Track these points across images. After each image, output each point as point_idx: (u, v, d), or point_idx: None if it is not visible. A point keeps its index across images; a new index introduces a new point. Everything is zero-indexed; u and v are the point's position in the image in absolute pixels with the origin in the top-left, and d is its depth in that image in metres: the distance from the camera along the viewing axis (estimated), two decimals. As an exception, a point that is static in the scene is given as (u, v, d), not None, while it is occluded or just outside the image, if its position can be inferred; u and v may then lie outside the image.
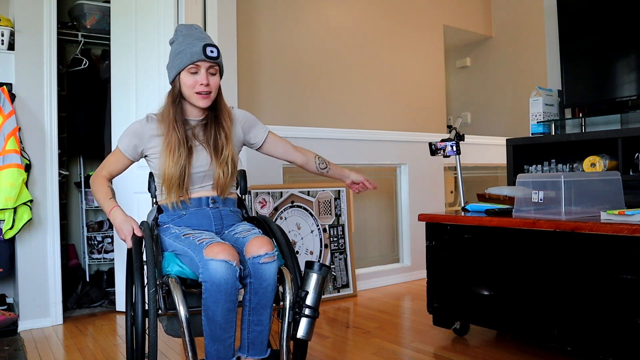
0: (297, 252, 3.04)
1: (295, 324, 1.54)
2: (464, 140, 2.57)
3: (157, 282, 1.47)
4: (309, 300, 1.55)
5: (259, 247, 1.50)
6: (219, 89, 1.71)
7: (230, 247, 1.48)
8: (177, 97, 1.67)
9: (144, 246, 1.61)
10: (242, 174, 1.88)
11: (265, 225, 1.77)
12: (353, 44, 4.03)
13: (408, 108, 4.33)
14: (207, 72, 1.63)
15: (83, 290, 3.10)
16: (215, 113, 1.71)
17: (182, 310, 1.41)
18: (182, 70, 1.63)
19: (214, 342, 1.46)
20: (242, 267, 1.49)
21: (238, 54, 3.24)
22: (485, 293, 2.06)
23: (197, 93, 1.63)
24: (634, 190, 2.27)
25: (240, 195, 1.87)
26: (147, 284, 1.46)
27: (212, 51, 1.62)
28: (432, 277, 2.32)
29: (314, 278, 1.56)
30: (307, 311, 1.54)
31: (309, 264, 1.58)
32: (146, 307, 1.45)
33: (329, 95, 3.89)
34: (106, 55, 3.45)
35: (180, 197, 1.66)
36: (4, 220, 2.48)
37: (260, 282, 1.49)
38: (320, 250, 3.12)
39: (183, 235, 1.60)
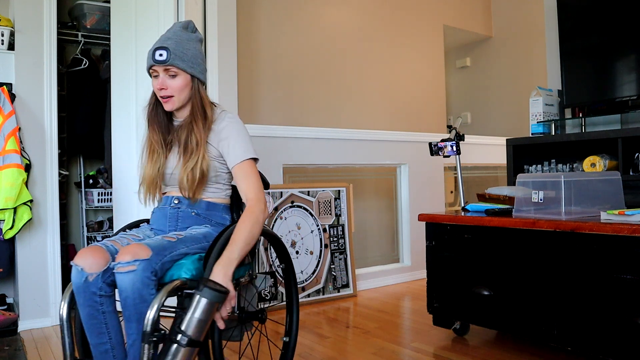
0: (297, 252, 3.04)
1: (155, 348, 1.30)
2: (464, 140, 2.57)
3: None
4: (183, 324, 1.31)
5: (122, 253, 1.36)
6: (195, 93, 1.63)
7: (100, 252, 1.41)
8: (154, 99, 1.66)
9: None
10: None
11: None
12: (353, 44, 4.03)
13: (408, 108, 4.33)
14: (165, 75, 1.58)
15: (83, 290, 3.10)
16: (192, 117, 1.63)
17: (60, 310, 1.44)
18: (150, 75, 1.64)
19: (91, 346, 1.43)
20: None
21: (238, 54, 3.24)
22: (485, 293, 2.06)
23: (161, 97, 1.61)
24: (634, 190, 2.27)
25: (234, 199, 1.74)
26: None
27: (160, 54, 1.55)
28: (432, 277, 2.32)
29: (194, 299, 1.32)
30: (178, 336, 1.29)
31: (200, 284, 1.34)
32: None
33: (329, 95, 3.89)
34: (106, 55, 3.45)
35: (154, 196, 1.67)
36: (4, 220, 2.48)
37: (120, 293, 1.35)
38: (320, 250, 3.12)
39: (120, 236, 1.58)
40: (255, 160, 1.68)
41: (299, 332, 2.46)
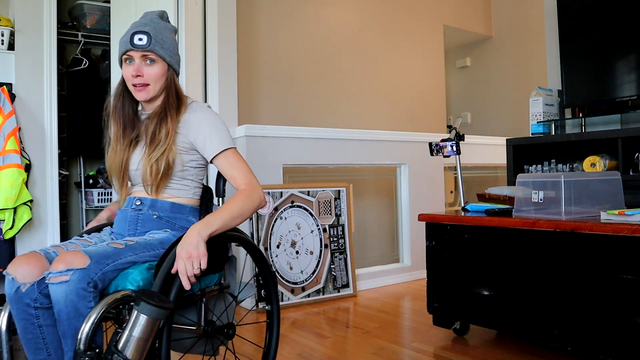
0: (297, 252, 3.05)
1: None
2: (464, 140, 2.57)
3: None
4: (120, 343, 1.17)
5: (56, 262, 1.22)
6: (170, 83, 1.52)
7: (36, 260, 1.30)
8: (121, 89, 1.54)
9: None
10: (209, 189, 1.63)
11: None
12: (353, 43, 4.03)
13: (408, 108, 4.33)
14: (142, 62, 1.47)
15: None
16: (164, 107, 1.51)
17: None
18: (122, 62, 1.51)
19: None
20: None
21: (238, 54, 3.24)
22: (485, 293, 2.06)
23: (133, 85, 1.49)
24: (634, 190, 2.28)
25: (203, 201, 1.61)
26: None
27: (140, 39, 1.44)
28: (432, 277, 2.32)
29: (132, 315, 1.18)
30: (113, 357, 1.16)
31: (138, 297, 1.17)
32: None
33: (329, 95, 3.89)
34: (106, 55, 3.45)
35: (121, 195, 1.56)
36: (4, 220, 2.48)
37: (53, 306, 1.21)
38: (320, 250, 3.12)
39: (69, 242, 1.46)
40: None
41: (298, 332, 2.46)
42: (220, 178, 1.59)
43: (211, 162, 1.51)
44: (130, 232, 1.50)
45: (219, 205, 1.60)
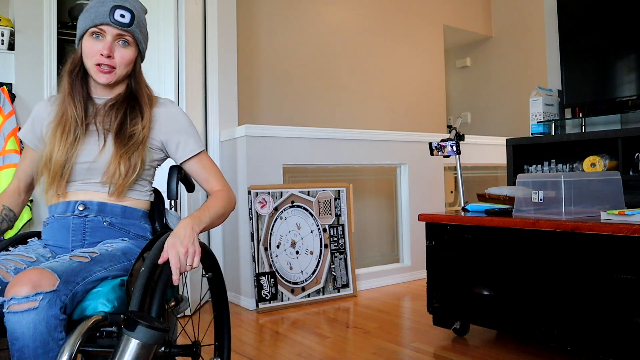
0: (297, 252, 3.05)
1: None
2: (464, 140, 2.57)
3: None
4: None
5: (16, 284, 0.97)
6: (137, 70, 1.36)
7: None
8: (77, 66, 1.31)
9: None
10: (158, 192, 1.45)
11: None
12: (353, 44, 4.03)
13: (408, 108, 4.33)
14: (115, 42, 1.28)
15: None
16: (131, 94, 1.34)
17: None
18: (85, 34, 1.28)
19: None
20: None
21: (238, 54, 3.24)
22: (485, 293, 2.05)
23: (97, 65, 1.27)
24: (634, 190, 2.28)
25: (154, 204, 1.43)
26: None
27: (122, 15, 1.26)
28: (432, 277, 2.32)
29: (122, 341, 0.97)
30: None
31: (128, 321, 0.97)
32: None
33: (329, 95, 3.89)
34: (106, 55, 3.45)
35: (58, 194, 1.29)
36: (4, 220, 2.48)
37: (13, 342, 0.95)
38: (320, 250, 3.12)
39: (3, 259, 1.16)
40: None
41: (298, 332, 2.46)
42: (173, 179, 1.42)
43: (181, 164, 1.39)
44: (76, 244, 1.26)
45: (170, 209, 1.46)
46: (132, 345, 0.96)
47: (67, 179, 1.28)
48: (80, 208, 1.27)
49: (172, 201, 1.44)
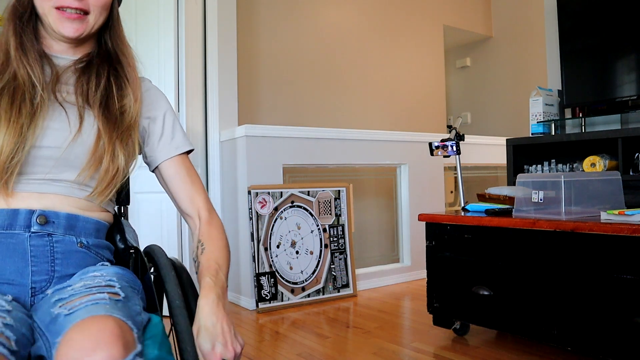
0: (297, 252, 3.05)
1: None
2: (464, 140, 2.57)
3: None
4: None
5: (83, 348, 0.63)
6: (115, 19, 0.99)
7: None
8: (27, 10, 0.92)
9: None
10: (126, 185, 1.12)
11: (149, 264, 0.97)
12: (353, 43, 4.03)
13: (408, 108, 4.33)
14: None
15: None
16: (108, 53, 0.97)
17: None
18: None
19: None
20: None
21: (238, 54, 3.25)
22: (485, 293, 2.06)
23: (57, 9, 0.89)
24: (634, 190, 2.28)
25: (117, 215, 1.06)
26: None
27: None
28: (432, 277, 2.32)
29: None
30: None
31: None
32: None
33: (329, 95, 3.89)
34: (106, 55, 3.44)
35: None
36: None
37: None
38: (320, 250, 3.12)
39: None
40: None
41: (298, 332, 2.46)
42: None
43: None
44: (40, 277, 0.83)
45: (121, 217, 1.11)
46: None
47: (18, 173, 0.84)
48: (40, 221, 0.84)
49: (122, 208, 1.14)
